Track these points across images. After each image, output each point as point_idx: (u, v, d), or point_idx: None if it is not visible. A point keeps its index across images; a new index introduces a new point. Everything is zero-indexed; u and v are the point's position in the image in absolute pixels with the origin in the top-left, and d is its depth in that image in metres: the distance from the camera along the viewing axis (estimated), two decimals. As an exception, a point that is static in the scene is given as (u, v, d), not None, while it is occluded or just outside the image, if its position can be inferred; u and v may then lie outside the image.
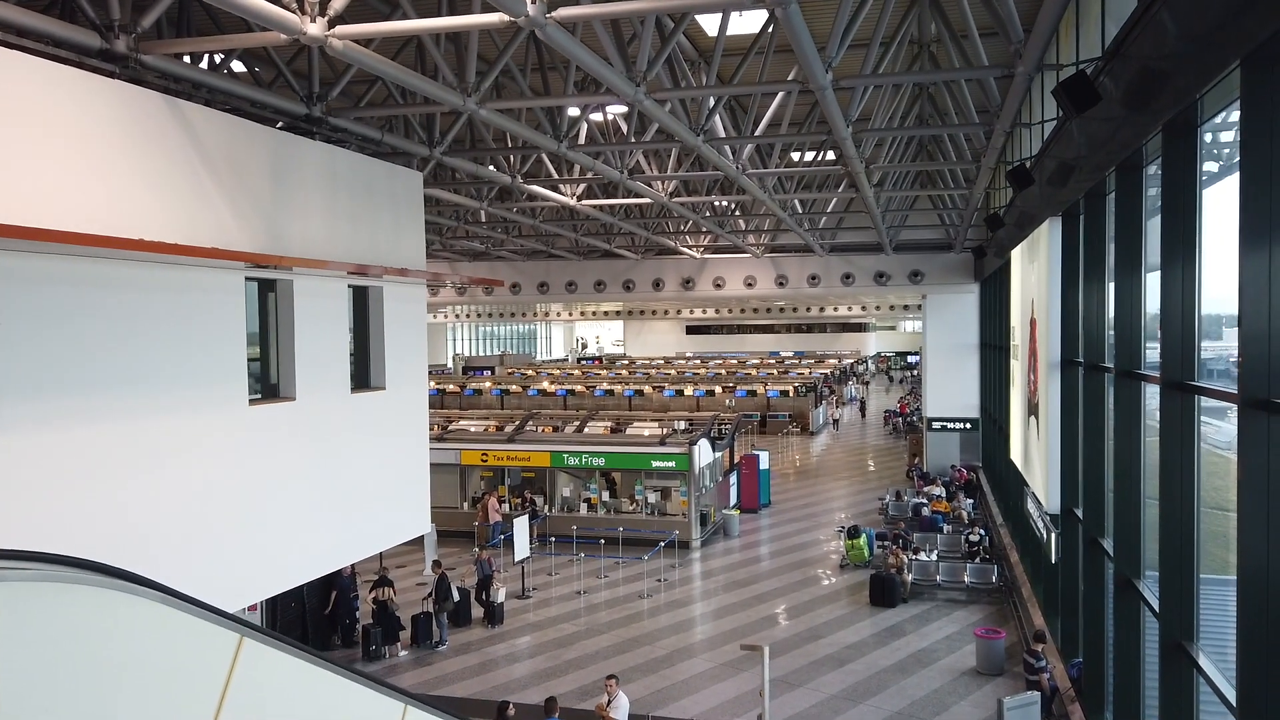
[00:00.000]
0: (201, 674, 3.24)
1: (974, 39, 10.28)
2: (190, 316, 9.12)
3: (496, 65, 10.38)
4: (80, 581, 2.77)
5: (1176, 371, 7.32)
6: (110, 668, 2.89)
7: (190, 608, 3.24)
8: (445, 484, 24.57)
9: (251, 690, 3.40)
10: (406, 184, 13.20)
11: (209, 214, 9.34)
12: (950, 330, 30.27)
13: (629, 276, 29.63)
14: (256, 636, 3.50)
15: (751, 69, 11.65)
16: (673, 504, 23.91)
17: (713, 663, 15.39)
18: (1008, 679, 14.27)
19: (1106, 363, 10.54)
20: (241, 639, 3.39)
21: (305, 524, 10.86)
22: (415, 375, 13.40)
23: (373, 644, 15.91)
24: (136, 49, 8.58)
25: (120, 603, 2.90)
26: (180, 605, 3.18)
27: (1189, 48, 6.25)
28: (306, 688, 3.82)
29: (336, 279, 11.47)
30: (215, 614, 3.33)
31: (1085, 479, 11.70)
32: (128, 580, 2.94)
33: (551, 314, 74.19)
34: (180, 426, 8.99)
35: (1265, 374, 5.47)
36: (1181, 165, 7.27)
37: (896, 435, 45.32)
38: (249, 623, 3.51)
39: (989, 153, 13.65)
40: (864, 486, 31.38)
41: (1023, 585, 17.72)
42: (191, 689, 3.20)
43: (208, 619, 3.29)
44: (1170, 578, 7.50)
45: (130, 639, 2.97)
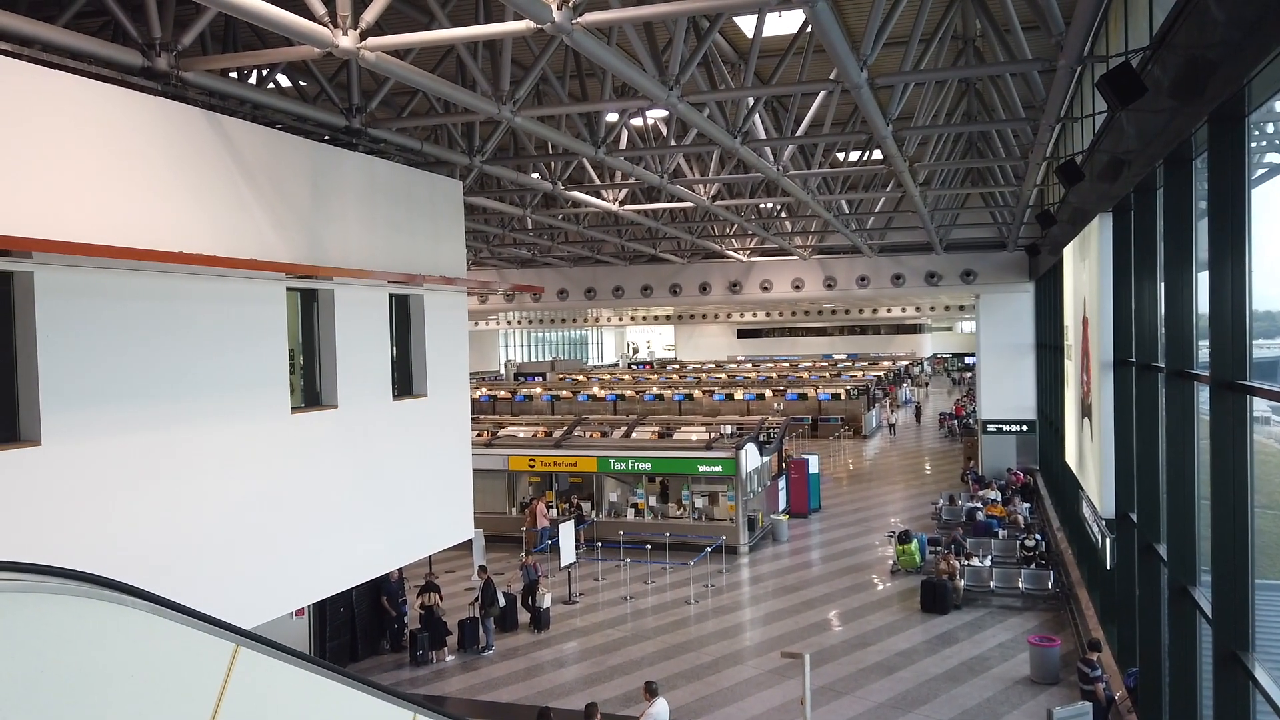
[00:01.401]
0: (194, 684, 3.26)
1: (1016, 33, 10.07)
2: (233, 326, 9.32)
3: (531, 72, 10.45)
4: (67, 592, 2.80)
5: (1228, 370, 7.04)
6: (98, 679, 2.91)
7: (182, 617, 3.26)
8: (493, 489, 24.78)
9: (248, 700, 3.41)
10: (446, 193, 13.34)
11: (250, 226, 9.53)
12: (1005, 330, 29.65)
13: (675, 280, 29.57)
14: (253, 645, 3.51)
15: (791, 69, 11.54)
16: (720, 509, 23.77)
17: (759, 670, 15.24)
18: (1063, 688, 13.88)
19: (1159, 362, 10.20)
20: (237, 648, 3.40)
21: (349, 530, 11.01)
22: (457, 382, 13.52)
23: (419, 649, 16.08)
24: (177, 66, 8.80)
25: (108, 613, 2.93)
26: (171, 615, 3.20)
27: (1235, 34, 6.03)
28: (308, 697, 3.83)
29: (377, 288, 11.61)
30: (209, 623, 3.35)
31: (1139, 482, 11.34)
32: (116, 590, 2.97)
33: (602, 319, 74.37)
34: (224, 435, 9.18)
35: (1316, 372, 5.22)
36: (1229, 156, 6.99)
37: (952, 438, 44.50)
38: (246, 631, 3.53)
39: (1036, 148, 13.33)
40: (918, 491, 30.85)
41: (1080, 592, 17.24)
42: (184, 699, 3.21)
43: (200, 628, 3.31)
44: (1223, 584, 7.21)
45: (119, 649, 2.99)
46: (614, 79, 11.48)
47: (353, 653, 16.32)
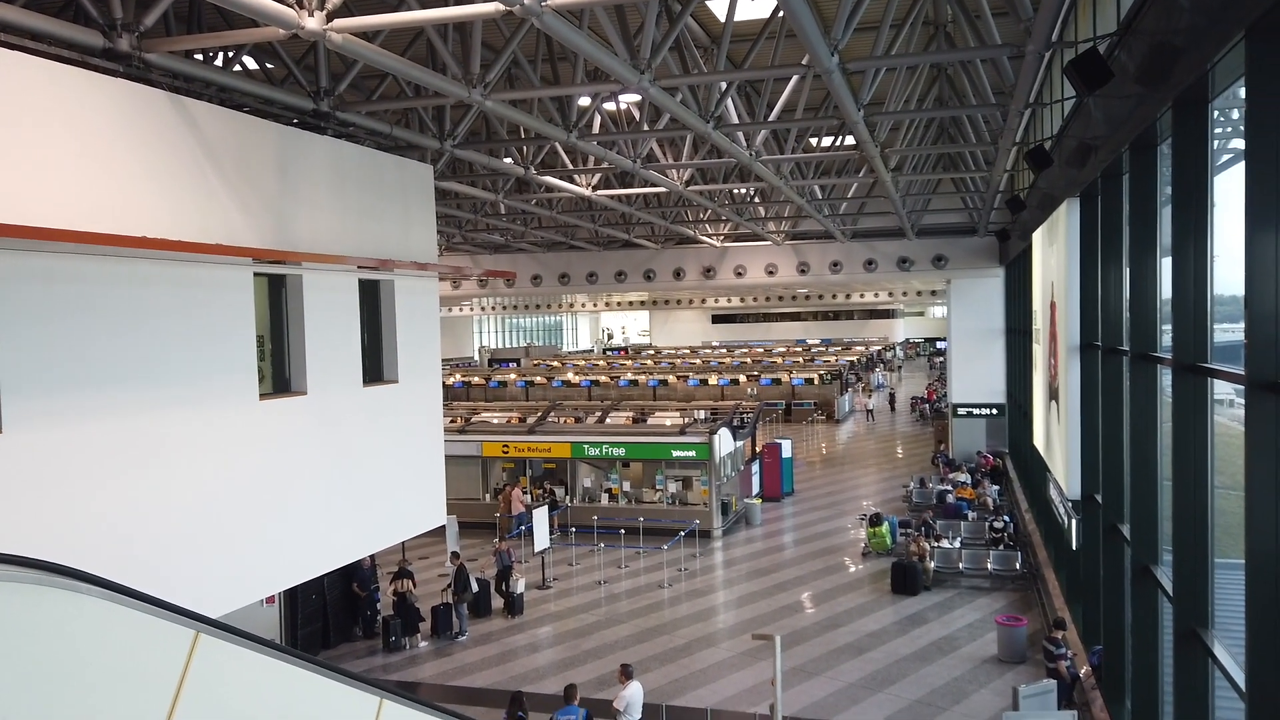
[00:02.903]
0: (154, 672, 3.22)
1: (986, 18, 10.12)
2: (199, 312, 9.20)
3: (502, 56, 10.35)
4: (20, 580, 2.75)
5: (1189, 354, 7.16)
6: (54, 668, 2.86)
7: (141, 605, 3.22)
8: (467, 476, 24.74)
9: (209, 687, 3.38)
10: (417, 177, 13.22)
11: (216, 210, 9.40)
12: (975, 315, 29.94)
13: (650, 266, 29.55)
14: (214, 632, 3.47)
15: (763, 53, 11.52)
16: (694, 493, 23.88)
17: (731, 652, 15.36)
18: (1029, 667, 14.11)
19: (1124, 346, 10.35)
20: (197, 635, 3.36)
21: (319, 517, 10.95)
22: (428, 368, 13.45)
23: (393, 635, 16.06)
24: (139, 47, 8.64)
25: (64, 601, 2.88)
26: (129, 603, 3.16)
27: (1200, 20, 6.11)
28: (270, 683, 3.80)
29: (346, 273, 11.51)
30: (169, 610, 3.32)
31: (1104, 464, 11.52)
32: (72, 577, 2.93)
33: (577, 305, 74.21)
34: (191, 422, 9.08)
35: (1273, 355, 5.32)
36: (1192, 141, 7.10)
37: (923, 422, 44.93)
38: (206, 618, 3.50)
39: (1006, 134, 13.42)
40: (889, 474, 31.15)
41: (1047, 572, 17.51)
42: (142, 687, 3.17)
43: (160, 615, 3.26)
44: (1184, 563, 7.36)
45: (75, 638, 2.94)
46: (586, 63, 11.41)
47: (325, 640, 16.27)
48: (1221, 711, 7.12)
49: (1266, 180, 5.33)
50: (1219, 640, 6.92)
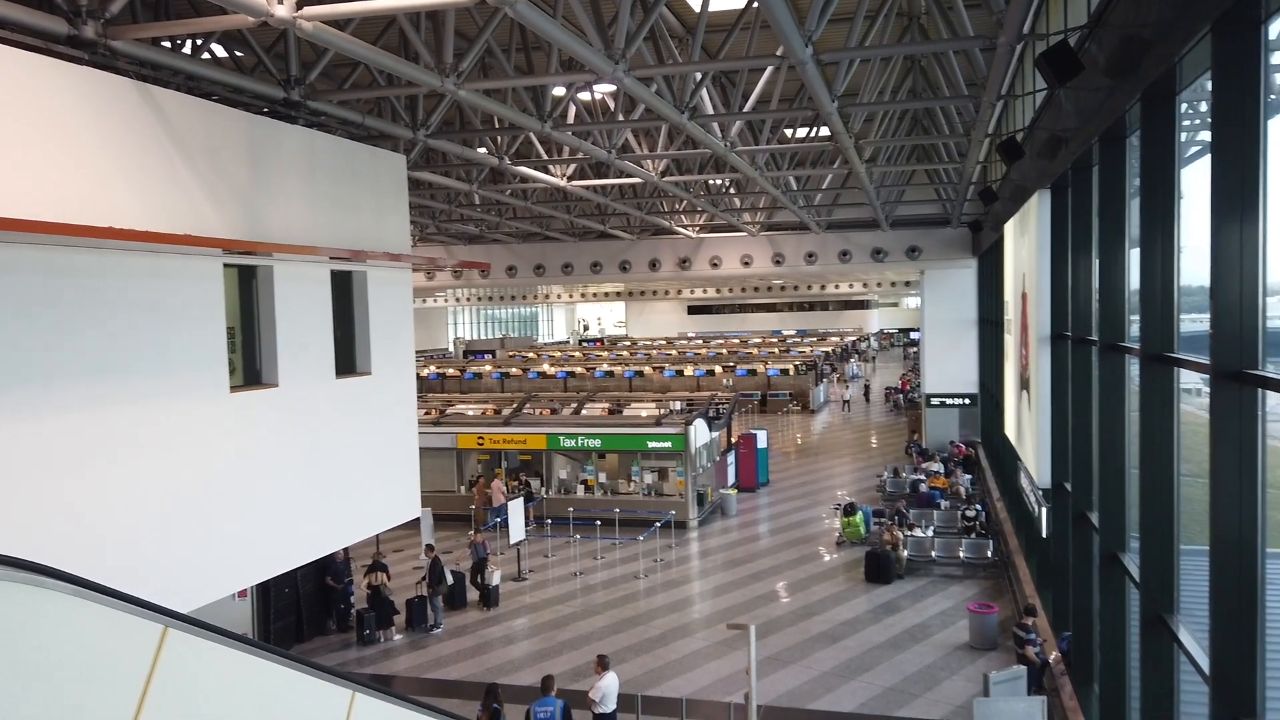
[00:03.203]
0: (121, 667, 3.18)
1: (959, 10, 10.17)
2: (167, 304, 9.07)
3: (475, 45, 10.26)
4: (-20, 576, 2.71)
5: (1156, 344, 7.25)
6: (20, 664, 2.81)
7: (108, 599, 3.18)
8: (442, 468, 24.65)
9: (178, 682, 3.34)
10: (390, 167, 13.11)
11: (184, 200, 9.28)
12: (948, 306, 30.19)
13: (625, 257, 29.52)
14: (183, 627, 3.43)
15: (738, 44, 11.52)
16: (669, 484, 23.94)
17: (707, 641, 15.43)
18: (1000, 653, 14.29)
19: (1093, 336, 10.47)
20: (165, 630, 3.33)
21: (292, 510, 10.86)
22: (402, 359, 13.37)
23: (367, 628, 15.99)
24: (105, 34, 8.49)
25: (29, 596, 2.83)
26: (95, 597, 3.11)
27: (1168, 13, 6.17)
28: (241, 677, 3.76)
29: (318, 264, 11.41)
30: (136, 605, 3.28)
31: (1074, 453, 11.66)
32: (37, 573, 2.89)
33: (553, 296, 74.05)
34: (160, 415, 8.96)
35: (1237, 345, 5.41)
36: (1160, 133, 7.18)
37: (897, 412, 45.28)
38: (175, 613, 3.46)
39: (979, 126, 13.51)
40: (864, 464, 31.38)
41: (1017, 560, 17.72)
42: (111, 683, 3.14)
43: (127, 610, 3.22)
44: (1150, 551, 7.47)
45: (41, 634, 2.90)
46: (560, 52, 11.35)
47: (298, 634, 16.17)
48: (1186, 695, 7.24)
49: (1231, 173, 5.40)
50: (1184, 626, 7.04)
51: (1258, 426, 5.42)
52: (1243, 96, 5.31)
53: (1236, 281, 5.41)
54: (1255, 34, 5.26)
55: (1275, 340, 5.87)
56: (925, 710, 12.70)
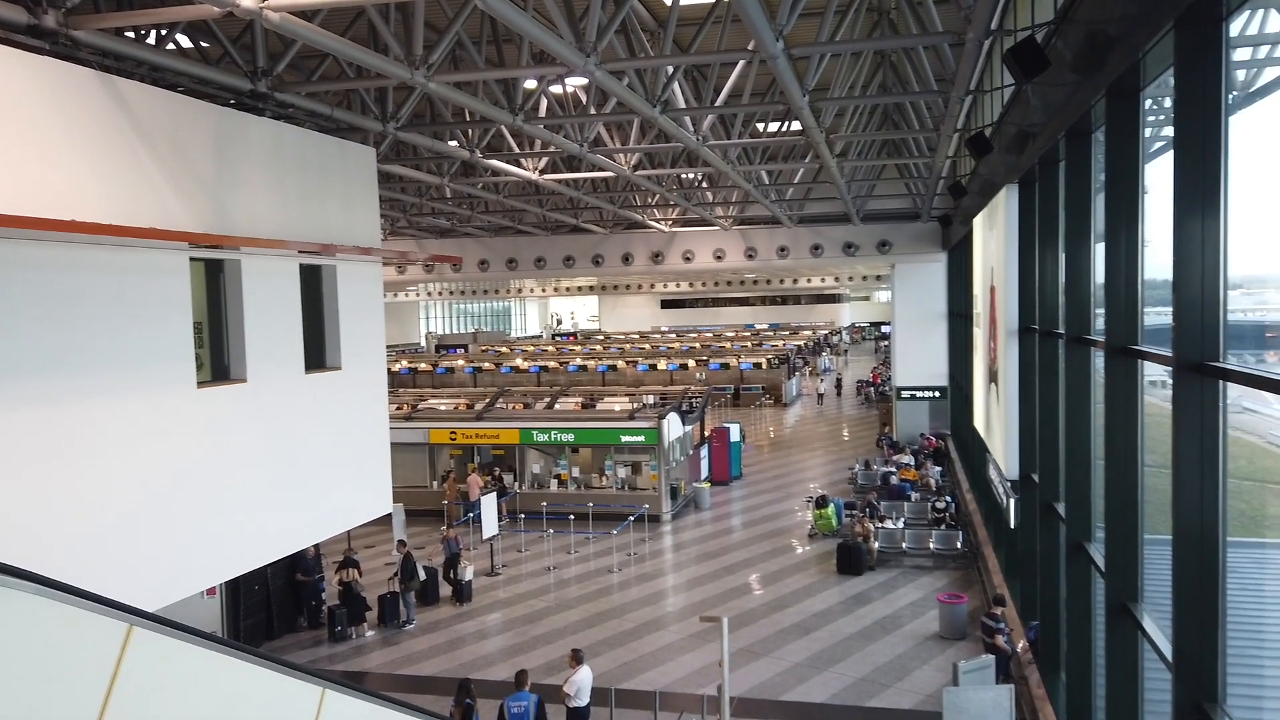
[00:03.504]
0: (86, 667, 3.14)
1: (929, 5, 10.23)
2: (132, 298, 8.94)
3: (445, 37, 10.19)
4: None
5: (1120, 337, 7.36)
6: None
7: (71, 598, 3.13)
8: (414, 463, 24.53)
9: (143, 681, 3.30)
10: (359, 160, 13.00)
11: (150, 193, 9.14)
12: (919, 299, 30.44)
13: (598, 251, 29.47)
14: (148, 625, 3.38)
15: (710, 38, 11.52)
16: (643, 478, 23.98)
17: (680, 634, 15.49)
18: (970, 642, 14.46)
19: (1060, 329, 10.60)
20: (131, 628, 3.28)
21: (261, 506, 10.76)
22: (373, 354, 13.27)
23: (338, 625, 15.88)
24: (66, 24, 8.35)
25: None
26: (59, 596, 3.06)
27: (1132, 9, 6.26)
28: (208, 675, 3.72)
29: (287, 258, 11.29)
30: (101, 603, 3.23)
31: (1041, 444, 11.80)
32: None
33: (525, 290, 73.83)
34: (126, 411, 8.84)
35: (1198, 338, 5.50)
36: (1125, 129, 7.27)
37: (868, 405, 45.61)
38: (140, 611, 3.42)
39: (948, 121, 13.62)
40: (836, 456, 31.59)
41: (986, 550, 17.93)
42: (75, 683, 3.09)
43: (91, 609, 3.17)
44: (1115, 540, 7.58)
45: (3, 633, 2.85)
46: (531, 45, 11.30)
47: (269, 631, 16.03)
48: (1150, 682, 7.37)
49: (1193, 167, 5.49)
50: (1148, 614, 7.16)
51: (1219, 418, 5.52)
52: (1205, 92, 5.39)
53: (1198, 275, 5.50)
54: (1217, 30, 5.34)
55: (1236, 333, 5.99)
56: (896, 700, 12.84)
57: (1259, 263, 6.65)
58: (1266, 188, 6.04)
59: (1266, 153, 5.92)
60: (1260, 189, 5.92)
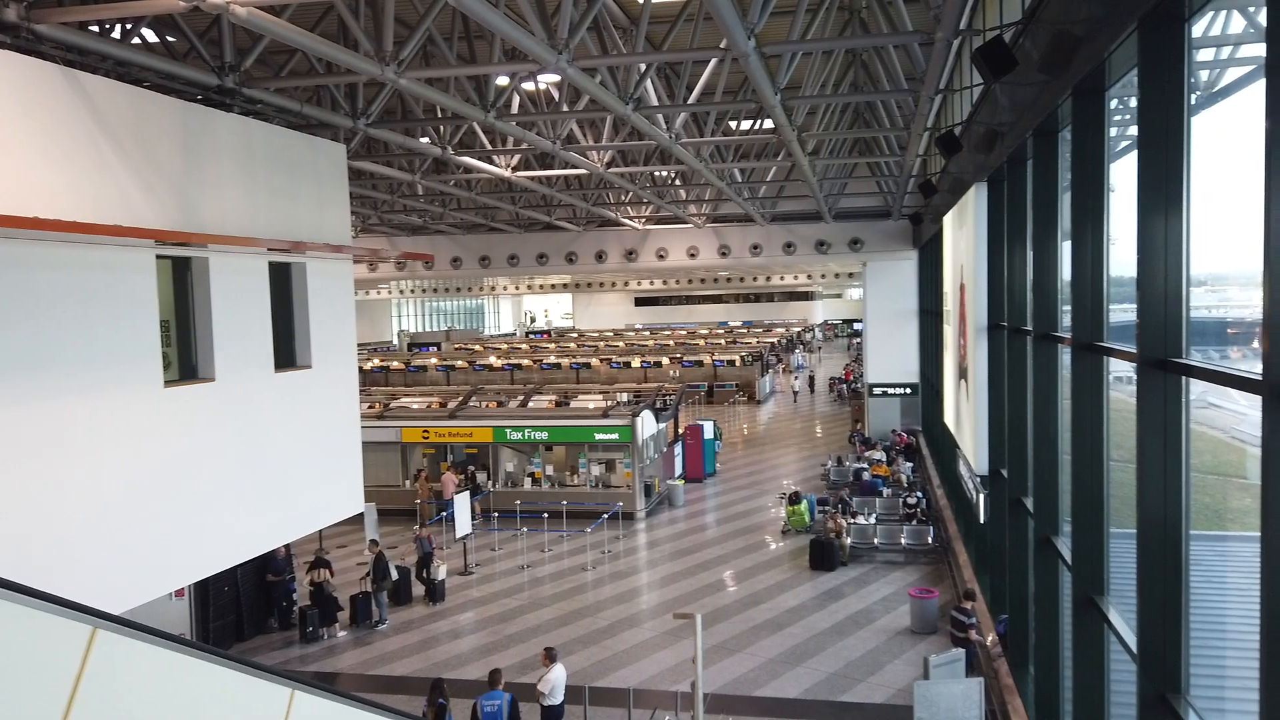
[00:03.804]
0: (48, 670, 3.09)
1: (899, 4, 10.30)
2: (98, 296, 8.82)
3: (416, 33, 10.12)
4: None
5: (1086, 333, 7.45)
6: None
7: (33, 601, 3.07)
8: (386, 462, 24.37)
9: (108, 685, 3.25)
10: (329, 157, 12.90)
11: (115, 190, 9.02)
12: (890, 297, 30.66)
13: (571, 249, 29.41)
14: (112, 627, 3.33)
15: (683, 35, 11.53)
16: (617, 476, 23.98)
17: (655, 632, 15.51)
18: (941, 637, 14.60)
19: (1028, 326, 10.72)
20: (94, 631, 3.23)
21: (230, 507, 10.65)
22: (343, 352, 13.17)
23: (310, 626, 15.74)
24: (28, 18, 8.20)
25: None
26: (19, 599, 3.00)
27: (1098, 9, 6.34)
28: (174, 678, 3.67)
29: (256, 256, 11.17)
30: (63, 606, 3.18)
31: (1010, 440, 11.93)
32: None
33: (498, 288, 73.55)
34: (92, 411, 8.72)
35: (1162, 335, 5.59)
36: (1090, 128, 7.36)
37: (841, 402, 45.90)
38: (104, 613, 3.37)
39: (918, 119, 13.73)
40: (809, 453, 31.76)
41: (957, 545, 18.11)
42: (37, 687, 3.04)
43: (53, 612, 3.12)
44: (1081, 534, 7.69)
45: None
46: (504, 42, 11.24)
47: (238, 633, 15.86)
48: (1116, 674, 7.48)
49: (1157, 167, 5.57)
50: (1114, 606, 7.27)
51: (1182, 413, 5.61)
52: (1168, 92, 5.47)
53: (1161, 273, 5.59)
54: (1179, 31, 5.43)
55: (1200, 329, 6.09)
56: (868, 694, 12.94)
57: (1222, 260, 6.76)
58: (1229, 186, 6.14)
59: (1229, 152, 6.02)
60: (1223, 187, 6.01)
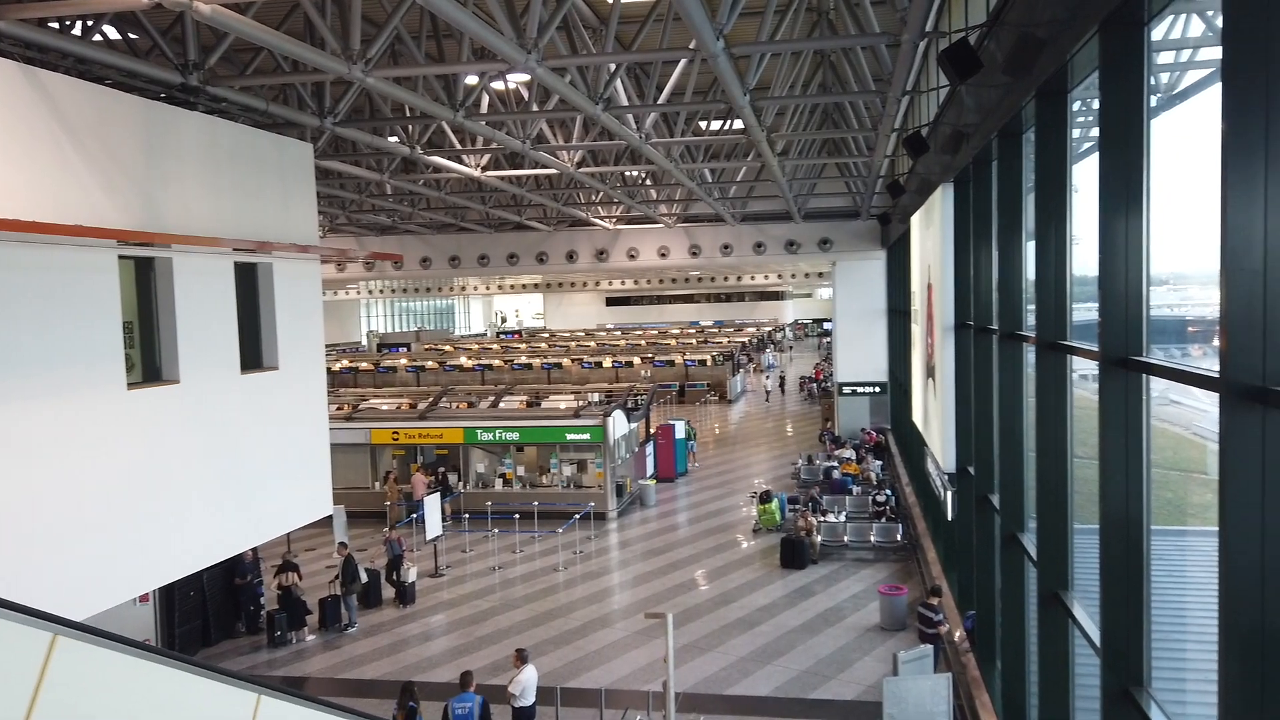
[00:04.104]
0: (8, 678, 3.03)
1: (866, 6, 10.38)
2: (59, 297, 8.67)
3: (384, 31, 10.05)
4: None
5: (1050, 332, 7.56)
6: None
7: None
8: (355, 464, 24.18)
9: (69, 691, 3.20)
10: (296, 156, 12.77)
11: (76, 189, 8.87)
12: (859, 296, 30.89)
13: (542, 249, 29.34)
14: (73, 634, 3.28)
15: (652, 35, 11.55)
16: (588, 476, 23.95)
17: (626, 632, 15.51)
18: (910, 633, 14.73)
19: (993, 325, 10.84)
20: (55, 638, 3.18)
21: (196, 511, 10.52)
22: (311, 353, 13.05)
23: (278, 630, 15.57)
24: (-16, 13, 8.05)
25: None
26: (-25, 606, 2.98)
27: (1060, 12, 6.43)
28: (137, 684, 3.62)
29: (221, 256, 11.04)
30: (22, 612, 3.12)
31: (976, 438, 12.07)
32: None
33: (469, 288, 73.19)
34: (53, 414, 8.57)
35: (1123, 333, 5.68)
36: (1053, 130, 7.46)
37: (811, 401, 46.18)
38: (64, 620, 3.31)
39: (885, 120, 13.85)
40: (780, 452, 31.91)
41: (925, 542, 18.28)
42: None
43: (12, 618, 3.07)
44: (1046, 531, 7.79)
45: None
46: (472, 41, 11.19)
47: (205, 638, 15.65)
48: (1080, 668, 7.59)
49: (1117, 168, 5.66)
50: (1078, 601, 7.38)
51: (1143, 410, 5.71)
52: (1128, 94, 5.56)
53: (1123, 272, 5.67)
54: (1139, 34, 5.52)
55: (1162, 328, 6.19)
56: (838, 691, 13.03)
57: (1184, 259, 6.88)
58: (1189, 187, 6.25)
59: (1188, 153, 6.13)
60: (1183, 188, 6.12)
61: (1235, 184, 3.87)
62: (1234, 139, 3.87)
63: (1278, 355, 3.76)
